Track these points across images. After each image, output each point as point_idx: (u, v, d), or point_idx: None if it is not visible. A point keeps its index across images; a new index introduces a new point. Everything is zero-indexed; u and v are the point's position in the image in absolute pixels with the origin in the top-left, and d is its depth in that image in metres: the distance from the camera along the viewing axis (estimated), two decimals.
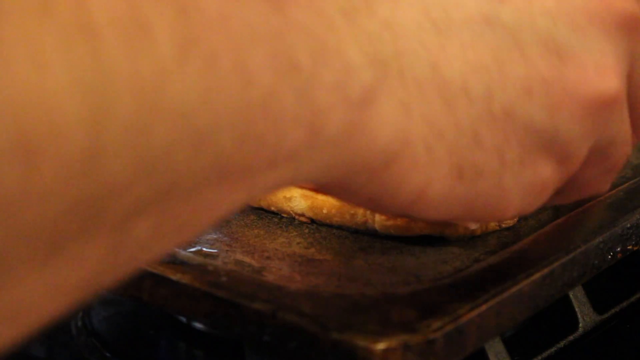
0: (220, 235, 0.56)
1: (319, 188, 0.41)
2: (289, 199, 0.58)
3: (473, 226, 0.54)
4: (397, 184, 0.39)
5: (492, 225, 0.56)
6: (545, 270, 0.50)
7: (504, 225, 0.57)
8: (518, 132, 0.41)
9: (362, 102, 0.37)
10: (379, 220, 0.55)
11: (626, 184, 0.62)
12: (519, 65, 0.41)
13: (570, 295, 0.56)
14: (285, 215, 0.59)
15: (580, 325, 0.56)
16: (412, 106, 0.39)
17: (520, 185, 0.43)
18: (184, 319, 0.61)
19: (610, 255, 0.55)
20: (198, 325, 0.61)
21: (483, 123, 0.40)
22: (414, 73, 0.39)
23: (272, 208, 0.59)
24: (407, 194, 0.40)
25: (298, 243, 0.56)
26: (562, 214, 0.58)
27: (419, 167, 0.39)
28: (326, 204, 0.57)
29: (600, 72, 0.42)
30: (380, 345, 0.43)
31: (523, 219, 0.58)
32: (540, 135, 0.42)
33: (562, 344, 0.56)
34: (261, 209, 0.60)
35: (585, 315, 0.56)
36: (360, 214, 0.56)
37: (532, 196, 0.44)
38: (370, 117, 0.37)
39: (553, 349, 0.55)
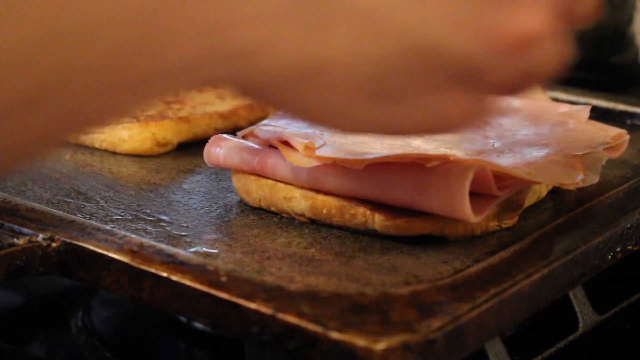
0: (220, 235, 0.56)
1: (234, 93, 0.43)
2: (289, 199, 0.58)
3: (474, 220, 0.54)
4: (311, 103, 0.41)
5: (492, 225, 0.56)
6: (545, 270, 0.50)
7: (504, 226, 0.57)
8: (437, 62, 0.42)
9: (267, 20, 0.38)
10: (378, 221, 0.55)
11: (626, 184, 0.62)
12: None
13: (570, 295, 0.56)
14: (285, 216, 0.59)
15: (580, 325, 0.56)
16: (327, 30, 0.39)
17: (437, 112, 0.44)
18: (184, 319, 0.61)
19: (610, 255, 0.55)
20: (198, 325, 0.61)
21: (404, 52, 0.41)
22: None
23: (272, 208, 0.59)
24: (323, 114, 0.41)
25: (298, 243, 0.56)
26: (562, 214, 0.58)
27: (335, 88, 0.40)
28: (326, 204, 0.57)
29: (529, 9, 0.42)
30: (380, 345, 0.43)
31: (523, 219, 0.58)
32: (457, 65, 0.42)
33: (562, 344, 0.56)
34: (261, 209, 0.60)
35: (585, 315, 0.56)
36: (360, 214, 0.56)
37: (448, 120, 0.44)
38: (274, 35, 0.38)
39: (553, 349, 0.55)
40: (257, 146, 0.60)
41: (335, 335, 0.44)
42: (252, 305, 0.47)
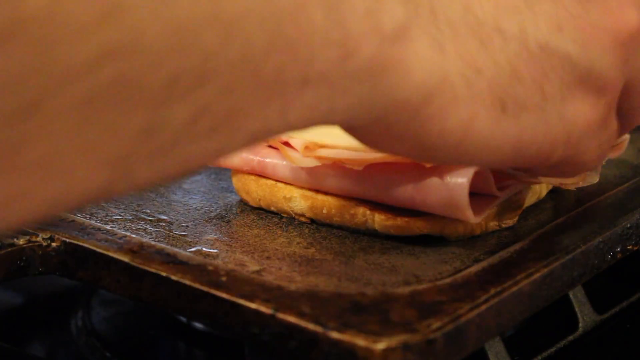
0: (220, 235, 0.56)
1: (364, 136, 0.42)
2: (289, 199, 0.58)
3: (474, 220, 0.54)
4: (441, 120, 0.41)
5: (492, 225, 0.56)
6: (545, 270, 0.50)
7: (503, 225, 0.57)
8: (555, 67, 0.43)
9: (395, 36, 0.38)
10: (378, 221, 0.55)
11: (626, 184, 0.62)
12: (547, 4, 0.44)
13: (570, 295, 0.56)
14: (285, 216, 0.59)
15: (580, 325, 0.56)
16: (446, 44, 0.40)
17: (563, 121, 0.44)
18: (184, 319, 0.61)
19: (610, 255, 0.55)
20: (198, 325, 0.61)
21: (520, 59, 0.42)
22: (446, 14, 0.41)
23: (272, 208, 0.59)
24: (453, 130, 0.41)
25: (298, 243, 0.56)
26: (562, 214, 0.58)
27: (461, 101, 0.41)
28: (326, 204, 0.57)
29: (622, 6, 0.45)
30: (380, 345, 0.43)
31: (523, 219, 0.58)
32: (575, 68, 0.44)
33: (562, 344, 0.56)
34: (261, 209, 0.60)
35: (585, 315, 0.56)
36: (360, 214, 0.56)
37: (577, 133, 0.45)
38: (404, 52, 0.38)
39: (553, 349, 0.55)
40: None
41: (335, 335, 0.44)
42: (252, 305, 0.47)
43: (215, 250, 0.54)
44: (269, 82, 0.35)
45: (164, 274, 0.50)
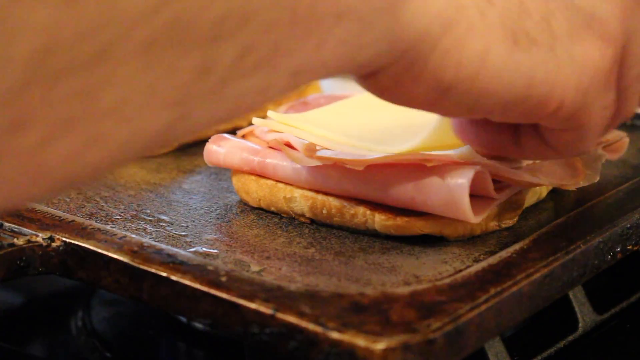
0: (220, 235, 0.56)
1: (382, 82, 0.44)
2: (289, 199, 0.58)
3: (474, 220, 0.54)
4: (458, 50, 0.43)
5: (492, 225, 0.56)
6: (545, 270, 0.50)
7: (503, 226, 0.57)
8: (560, 7, 0.46)
9: None
10: (378, 221, 0.55)
11: (626, 184, 0.62)
12: None
13: (570, 295, 0.56)
14: (285, 216, 0.59)
15: (580, 325, 0.56)
16: None
17: (573, 62, 0.46)
18: (184, 319, 0.61)
19: (610, 255, 0.55)
20: (198, 325, 0.61)
21: None
22: None
23: (272, 208, 0.59)
24: (470, 61, 0.43)
25: (298, 243, 0.56)
26: (562, 214, 0.58)
27: (476, 31, 0.43)
28: (326, 204, 0.57)
29: None
30: (380, 345, 0.43)
31: (523, 219, 0.58)
32: (579, 11, 0.46)
33: (562, 344, 0.56)
34: (261, 209, 0.60)
35: (585, 315, 0.56)
36: (360, 214, 0.56)
37: (587, 78, 0.46)
38: None
39: (553, 349, 0.55)
40: (257, 146, 0.60)
41: (335, 335, 0.44)
42: (252, 305, 0.47)
43: (215, 250, 0.54)
44: (305, 18, 0.37)
45: (164, 274, 0.50)
